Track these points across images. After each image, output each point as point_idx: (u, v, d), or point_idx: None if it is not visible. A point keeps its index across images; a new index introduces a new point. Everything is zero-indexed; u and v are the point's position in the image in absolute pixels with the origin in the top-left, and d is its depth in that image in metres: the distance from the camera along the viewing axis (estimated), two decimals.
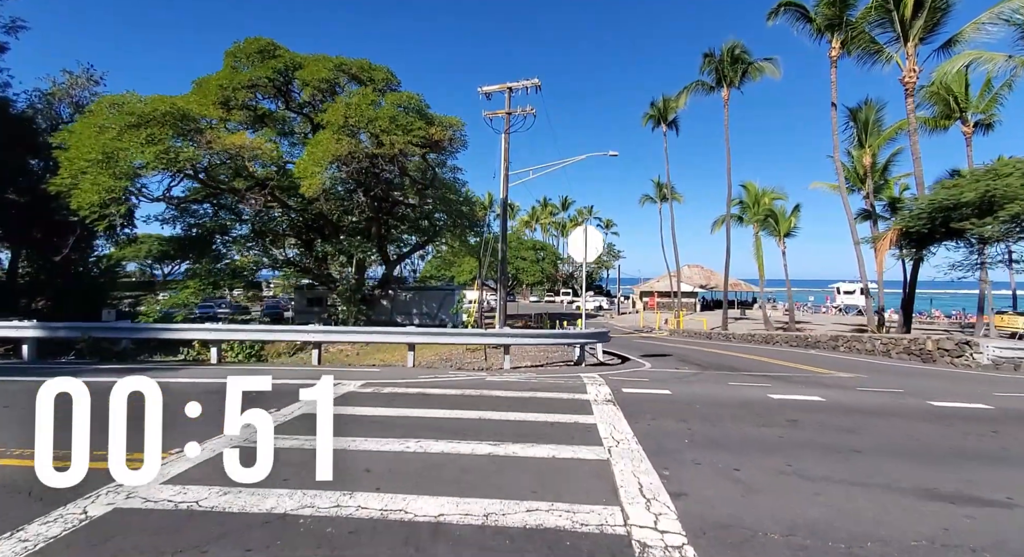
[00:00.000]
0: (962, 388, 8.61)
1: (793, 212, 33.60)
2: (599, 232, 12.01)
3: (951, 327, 40.61)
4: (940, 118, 31.29)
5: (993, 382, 9.57)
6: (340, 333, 10.66)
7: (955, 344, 12.48)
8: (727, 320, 33.59)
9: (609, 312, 56.12)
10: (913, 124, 22.61)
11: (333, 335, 10.58)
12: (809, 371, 11.17)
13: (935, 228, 17.75)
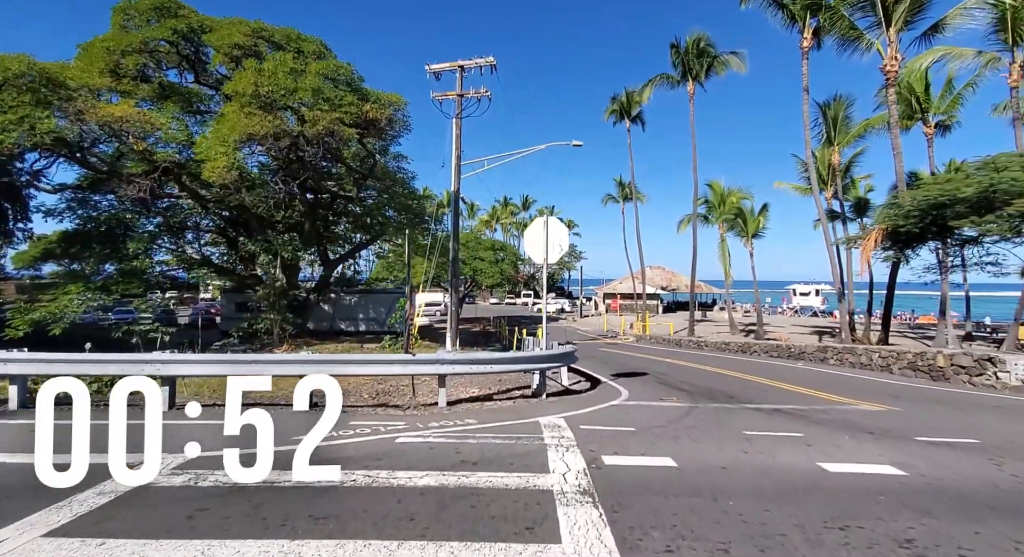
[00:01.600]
0: None
1: (761, 212, 32.49)
2: (562, 225, 9.43)
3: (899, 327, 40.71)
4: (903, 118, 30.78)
5: None
6: (189, 364, 7.53)
7: (974, 360, 10.68)
8: (693, 323, 32.04)
9: (571, 315, 54.21)
10: (894, 116, 21.45)
11: (176, 366, 7.42)
12: (825, 401, 8.98)
13: (926, 227, 16.42)
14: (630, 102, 38.23)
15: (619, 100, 38.82)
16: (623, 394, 9.58)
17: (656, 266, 60.58)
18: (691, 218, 33.56)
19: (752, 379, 11.88)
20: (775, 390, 10.21)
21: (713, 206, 34.79)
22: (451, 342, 21.18)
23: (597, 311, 56.65)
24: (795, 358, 16.04)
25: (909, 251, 16.99)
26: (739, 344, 19.56)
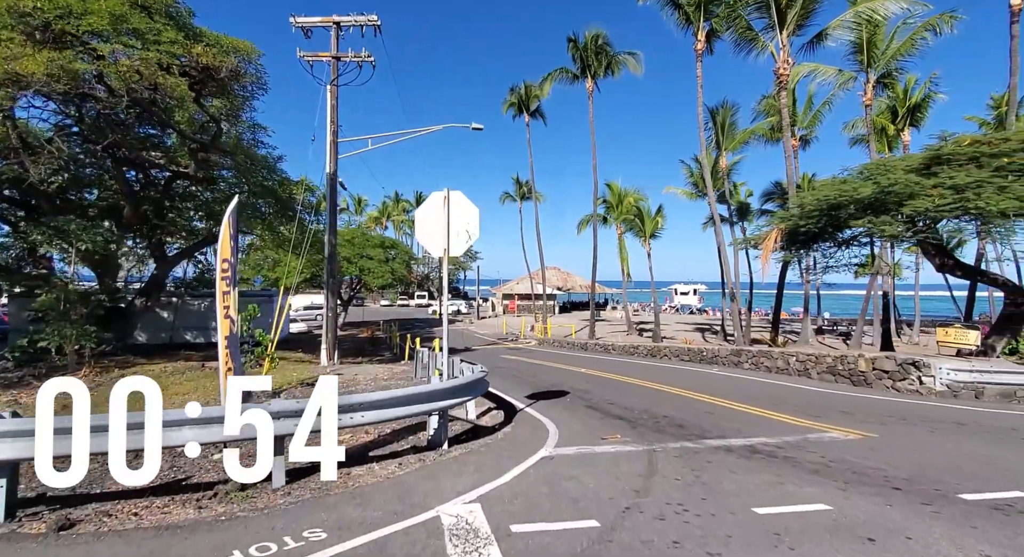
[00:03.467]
0: None
1: (658, 212, 32.95)
2: (471, 205, 6.76)
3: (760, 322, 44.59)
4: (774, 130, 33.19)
5: None
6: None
7: (897, 364, 10.17)
8: (594, 325, 31.41)
9: (468, 316, 51.76)
10: (786, 119, 22.14)
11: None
12: (788, 426, 7.46)
13: (824, 228, 16.73)
14: (529, 96, 36.82)
15: (518, 92, 37.22)
16: (550, 432, 7.21)
17: (552, 267, 60.66)
18: (591, 218, 33.02)
19: (684, 394, 10.31)
20: (722, 411, 8.60)
21: (611, 206, 34.69)
22: (327, 355, 17.41)
23: (494, 313, 54.92)
24: (708, 362, 15.24)
25: (804, 251, 17.20)
26: (648, 348, 18.64)
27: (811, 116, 33.33)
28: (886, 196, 14.02)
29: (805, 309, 31.63)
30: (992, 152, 13.42)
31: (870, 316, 28.33)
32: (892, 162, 15.47)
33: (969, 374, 9.31)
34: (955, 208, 12.50)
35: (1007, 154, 13.12)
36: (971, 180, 12.76)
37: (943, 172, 13.60)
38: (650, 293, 59.01)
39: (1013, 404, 8.92)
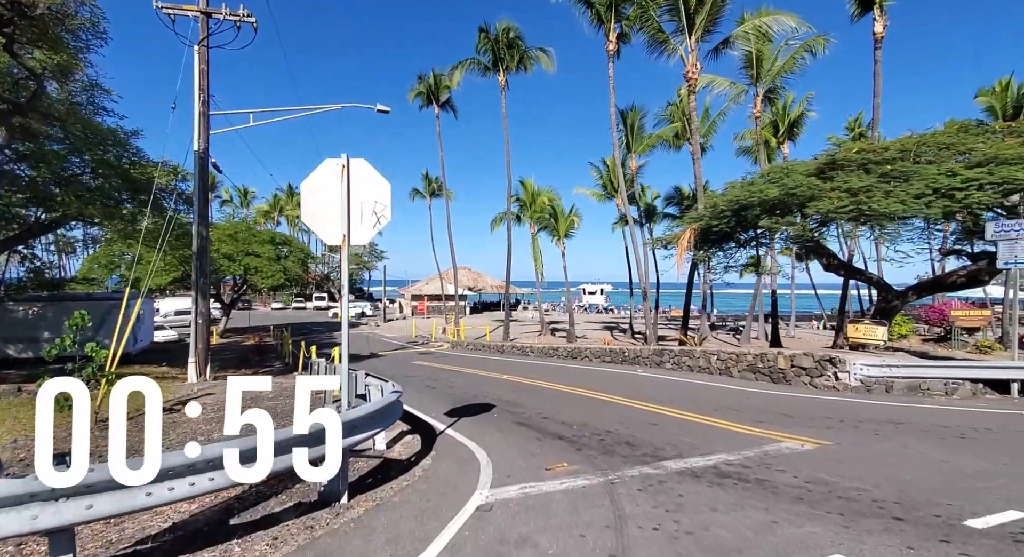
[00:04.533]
0: None
1: (572, 211, 32.95)
2: (380, 179, 5.16)
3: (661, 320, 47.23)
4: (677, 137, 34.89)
5: None
6: None
7: (815, 361, 10.29)
8: (509, 326, 30.54)
9: (374, 319, 48.44)
10: (695, 122, 22.83)
11: None
12: (739, 434, 6.83)
13: (734, 228, 17.26)
14: (439, 85, 35.01)
15: (426, 82, 35.22)
16: (481, 464, 5.85)
17: (463, 267, 59.20)
18: (505, 216, 32.14)
19: (619, 401, 9.51)
20: (665, 421, 7.84)
21: (525, 205, 34.10)
22: (197, 369, 14.38)
23: (402, 315, 52.09)
24: (631, 363, 14.88)
25: (716, 250, 17.69)
26: (567, 349, 18.02)
27: (707, 126, 35.52)
28: (790, 197, 14.62)
29: (703, 307, 33.56)
30: (877, 159, 14.55)
31: (756, 312, 30.64)
32: (793, 166, 16.37)
33: (879, 369, 9.58)
34: (851, 210, 13.27)
35: (889, 162, 14.28)
36: (862, 184, 13.65)
37: (838, 176, 14.50)
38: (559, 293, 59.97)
39: (920, 396, 9.29)
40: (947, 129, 15.89)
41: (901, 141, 15.07)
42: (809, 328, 40.43)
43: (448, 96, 35.14)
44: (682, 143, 35.14)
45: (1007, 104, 29.32)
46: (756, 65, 25.79)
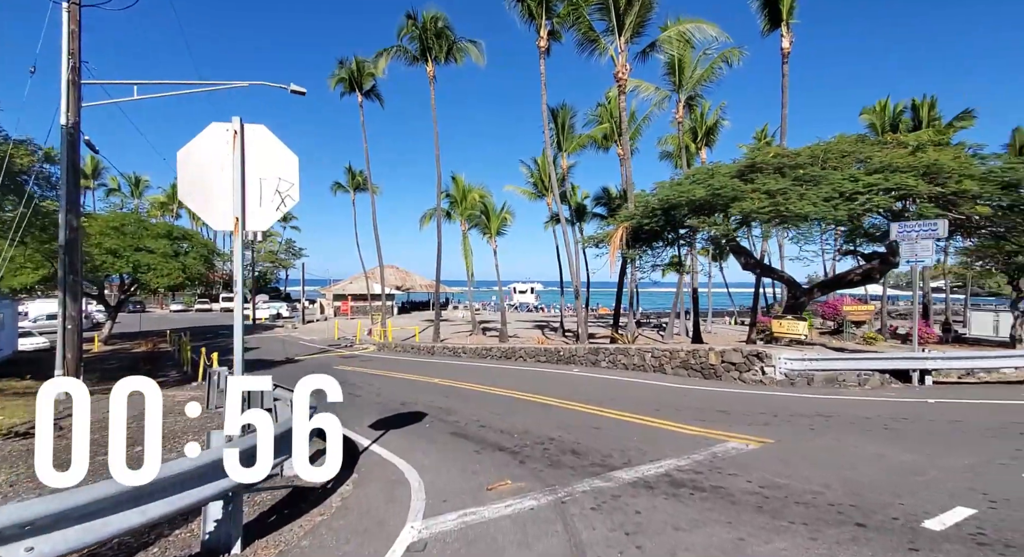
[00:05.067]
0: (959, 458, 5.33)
1: (504, 209, 32.50)
2: (285, 151, 4.21)
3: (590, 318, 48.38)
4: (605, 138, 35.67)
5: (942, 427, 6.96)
6: None
7: (744, 357, 10.56)
8: (439, 326, 29.51)
9: (291, 321, 45.05)
10: (624, 123, 23.19)
11: None
12: (681, 435, 6.60)
13: (663, 227, 17.63)
14: (362, 72, 33.07)
15: (348, 67, 33.13)
16: (412, 487, 5.09)
17: (390, 265, 56.91)
18: (435, 212, 31.04)
19: (560, 404, 9.09)
20: (609, 424, 7.48)
21: (456, 201, 33.15)
22: None
23: (323, 316, 48.96)
24: (566, 362, 14.64)
25: (647, 248, 18.02)
26: (501, 350, 17.48)
27: (633, 129, 36.67)
28: (715, 198, 15.12)
29: (630, 304, 34.59)
30: (791, 164, 15.48)
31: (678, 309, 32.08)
32: (717, 167, 17.04)
33: (801, 363, 9.98)
34: (770, 210, 13.95)
35: (801, 166, 15.23)
36: (779, 186, 14.41)
37: (758, 178, 15.25)
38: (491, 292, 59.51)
39: (837, 387, 9.78)
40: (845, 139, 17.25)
41: (811, 148, 16.13)
42: (722, 324, 43.20)
43: (373, 84, 33.31)
44: (610, 144, 35.97)
45: (885, 122, 32.91)
46: (679, 72, 26.85)
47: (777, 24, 24.16)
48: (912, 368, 9.72)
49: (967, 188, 13.00)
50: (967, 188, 13.00)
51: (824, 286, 19.56)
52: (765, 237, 24.85)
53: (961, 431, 6.54)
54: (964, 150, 15.15)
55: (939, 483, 4.64)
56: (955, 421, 6.97)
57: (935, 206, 13.32)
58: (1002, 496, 4.25)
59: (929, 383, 9.73)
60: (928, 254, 10.07)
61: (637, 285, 46.71)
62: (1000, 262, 23.61)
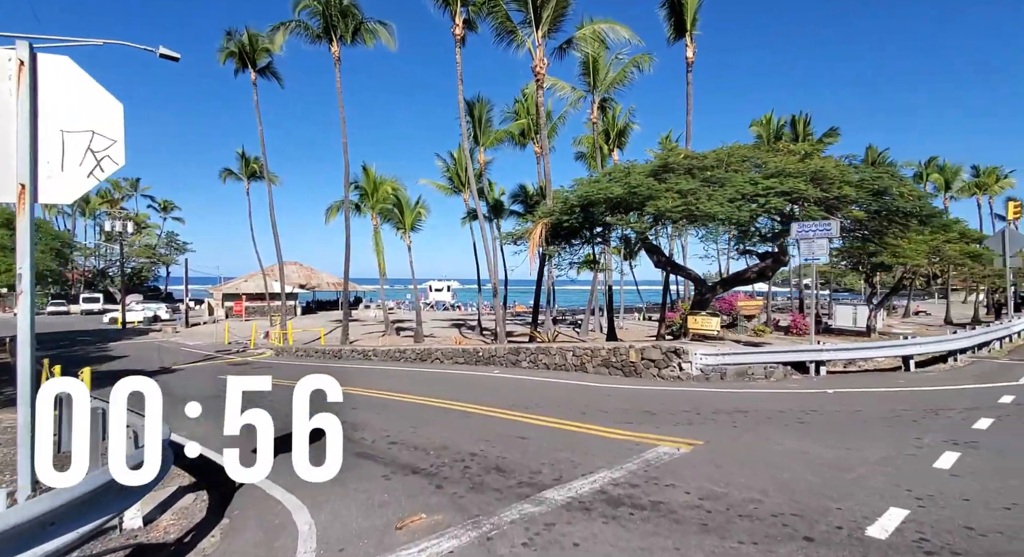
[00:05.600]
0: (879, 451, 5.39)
1: (418, 203, 31.01)
2: (98, 89, 3.01)
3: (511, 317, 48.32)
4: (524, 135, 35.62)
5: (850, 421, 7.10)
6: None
7: (662, 353, 10.62)
8: (348, 327, 27.47)
9: (173, 324, 39.72)
10: (543, 119, 23.00)
11: None
12: (610, 439, 6.19)
13: (581, 224, 17.57)
14: (255, 47, 29.80)
15: (238, 41, 29.70)
16: (300, 530, 4.11)
17: (293, 262, 52.58)
18: (342, 204, 28.84)
19: (480, 411, 8.37)
20: (536, 433, 6.90)
21: (366, 194, 31.07)
22: None
23: (212, 317, 43.86)
24: (485, 363, 13.97)
25: (566, 245, 17.91)
26: (416, 351, 16.36)
27: (550, 127, 36.98)
28: (632, 196, 15.31)
29: (547, 302, 34.88)
30: (699, 165, 16.14)
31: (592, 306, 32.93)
32: (633, 166, 17.34)
33: (715, 358, 10.22)
34: (683, 209, 14.38)
35: (709, 168, 15.94)
36: (690, 187, 14.92)
37: (670, 178, 15.70)
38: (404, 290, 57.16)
39: (746, 380, 10.12)
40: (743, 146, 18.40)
41: (716, 152, 16.95)
42: (632, 320, 45.24)
43: (269, 61, 30.13)
44: (527, 141, 35.94)
45: (770, 133, 36.23)
46: (593, 73, 27.35)
47: (682, 34, 25.35)
48: (810, 360, 10.35)
49: (847, 193, 14.32)
50: (847, 193, 14.32)
51: (725, 283, 20.83)
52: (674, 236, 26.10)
53: (863, 421, 6.83)
54: (842, 160, 16.86)
55: (866, 481, 4.60)
56: (856, 411, 7.32)
57: (820, 209, 14.55)
58: (926, 492, 4.26)
59: (823, 373, 10.42)
60: (823, 252, 10.81)
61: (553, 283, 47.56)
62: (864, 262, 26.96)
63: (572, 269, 21.88)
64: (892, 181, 15.41)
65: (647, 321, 43.74)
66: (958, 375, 10.13)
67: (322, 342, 25.13)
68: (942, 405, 7.43)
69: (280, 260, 28.97)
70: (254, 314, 45.61)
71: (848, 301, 41.63)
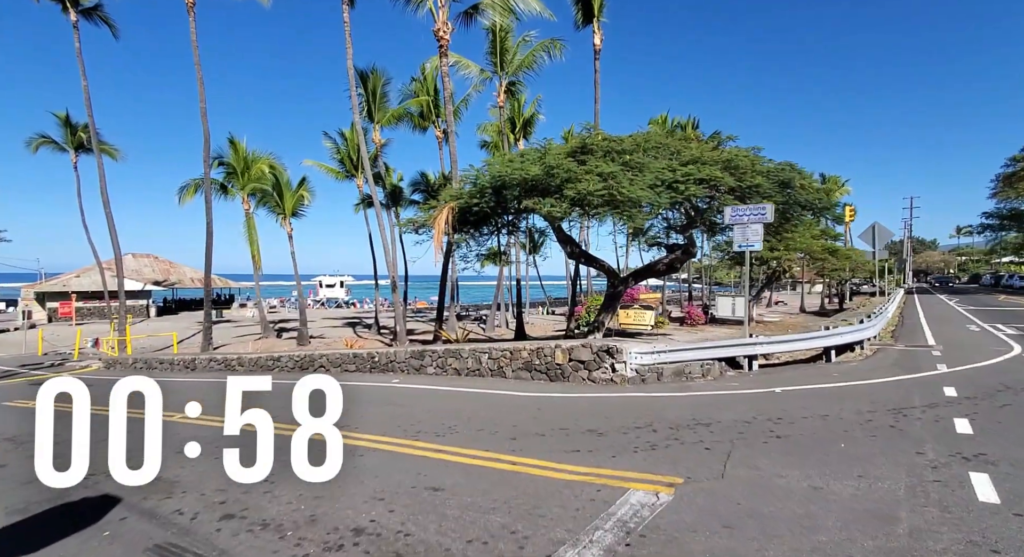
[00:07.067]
0: None
1: (301, 185, 26.83)
2: None
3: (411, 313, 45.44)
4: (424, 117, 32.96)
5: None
6: None
7: (593, 354, 9.19)
8: (211, 330, 22.81)
9: None
10: (449, 89, 20.83)
11: None
12: (553, 480, 4.38)
13: (494, 208, 15.69)
14: None
15: None
16: None
17: (144, 254, 44.18)
18: (201, 183, 23.91)
19: (379, 446, 6.09)
20: (454, 479, 4.86)
21: (235, 173, 26.22)
22: None
23: (28, 321, 34.94)
24: (383, 370, 11.54)
25: (475, 232, 15.97)
26: (296, 357, 13.30)
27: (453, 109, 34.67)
28: (550, 177, 13.85)
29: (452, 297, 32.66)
30: (618, 149, 15.18)
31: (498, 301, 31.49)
32: (551, 147, 15.90)
33: (651, 356, 9.03)
34: (603, 193, 13.23)
35: (628, 152, 15.04)
36: (610, 170, 13.84)
37: (590, 161, 14.51)
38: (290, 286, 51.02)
39: (685, 380, 9.06)
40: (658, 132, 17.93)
41: (632, 136, 16.16)
42: (537, 314, 44.71)
43: (98, 3, 23.85)
44: (427, 124, 33.29)
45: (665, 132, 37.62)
46: (501, 53, 25.67)
47: (590, 20, 24.63)
48: (744, 355, 9.60)
49: (759, 183, 14.20)
50: (759, 183, 14.20)
51: (636, 275, 20.39)
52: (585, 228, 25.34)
53: (843, 430, 5.84)
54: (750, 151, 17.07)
55: (926, 538, 3.30)
56: (823, 416, 6.37)
57: (734, 198, 14.32)
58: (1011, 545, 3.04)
59: (755, 368, 9.75)
60: (758, 239, 10.16)
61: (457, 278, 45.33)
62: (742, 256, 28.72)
63: (477, 262, 20.08)
64: (795, 173, 15.76)
65: (551, 316, 43.53)
66: (877, 365, 10.04)
67: (174, 350, 20.46)
68: (899, 403, 6.80)
69: (117, 250, 23.17)
70: (91, 317, 37.33)
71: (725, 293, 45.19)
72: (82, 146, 30.34)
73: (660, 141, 16.13)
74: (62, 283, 37.86)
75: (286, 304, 51.38)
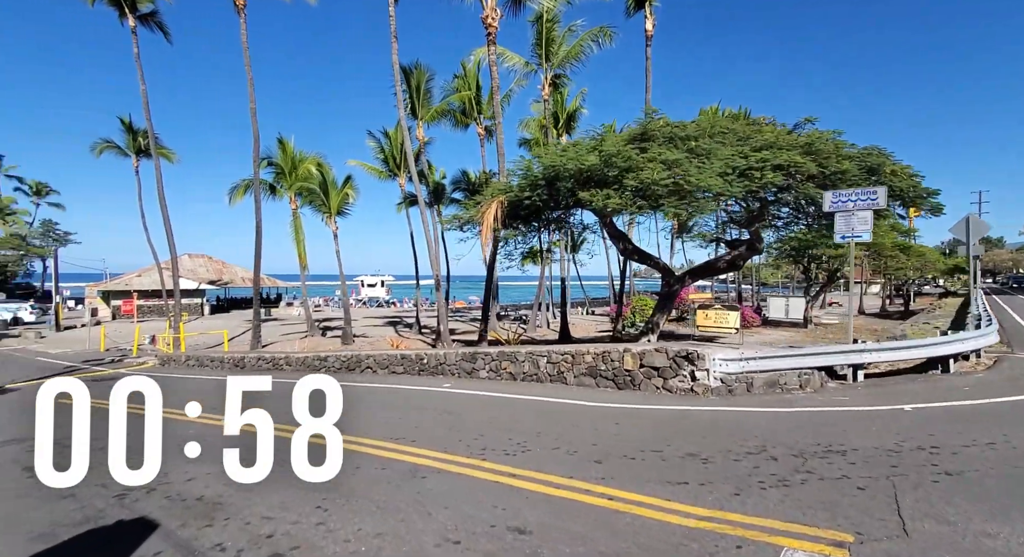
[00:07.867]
0: None
1: (347, 183, 26.80)
2: None
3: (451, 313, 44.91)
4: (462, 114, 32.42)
5: None
6: None
7: (669, 359, 8.12)
8: (259, 328, 22.98)
9: (38, 329, 32.58)
10: (496, 80, 20.08)
11: None
12: (669, 527, 3.40)
13: (546, 202, 14.81)
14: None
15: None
16: None
17: (198, 254, 45.87)
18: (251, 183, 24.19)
19: (437, 464, 5.31)
20: (538, 514, 3.99)
21: (283, 173, 26.44)
22: None
23: (94, 319, 36.77)
24: (432, 372, 10.87)
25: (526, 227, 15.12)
26: (343, 358, 12.85)
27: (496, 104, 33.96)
28: (607, 166, 12.84)
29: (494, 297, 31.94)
30: (681, 135, 13.94)
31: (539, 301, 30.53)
32: (607, 135, 14.91)
33: (738, 363, 7.87)
34: (669, 182, 12.07)
35: (693, 138, 13.77)
36: (675, 158, 12.65)
37: (652, 148, 13.36)
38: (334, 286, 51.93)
39: (780, 392, 7.85)
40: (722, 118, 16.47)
41: (696, 122, 14.87)
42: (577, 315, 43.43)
43: (153, 8, 24.53)
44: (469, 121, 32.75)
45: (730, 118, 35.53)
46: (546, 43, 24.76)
47: (642, 5, 23.33)
48: (850, 363, 8.28)
49: (846, 169, 12.65)
50: (846, 169, 12.65)
51: (694, 273, 18.99)
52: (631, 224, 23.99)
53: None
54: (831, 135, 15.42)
55: None
56: (990, 444, 5.08)
57: (815, 187, 12.83)
58: None
59: (861, 378, 8.40)
60: (866, 227, 8.79)
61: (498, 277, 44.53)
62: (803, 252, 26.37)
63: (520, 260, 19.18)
64: (883, 158, 14.05)
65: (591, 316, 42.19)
66: (1011, 375, 8.48)
67: (225, 347, 20.66)
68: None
69: (173, 250, 23.79)
70: (151, 314, 38.96)
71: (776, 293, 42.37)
72: (141, 150, 31.50)
73: (727, 126, 14.77)
74: (125, 282, 39.70)
75: (330, 303, 52.25)
